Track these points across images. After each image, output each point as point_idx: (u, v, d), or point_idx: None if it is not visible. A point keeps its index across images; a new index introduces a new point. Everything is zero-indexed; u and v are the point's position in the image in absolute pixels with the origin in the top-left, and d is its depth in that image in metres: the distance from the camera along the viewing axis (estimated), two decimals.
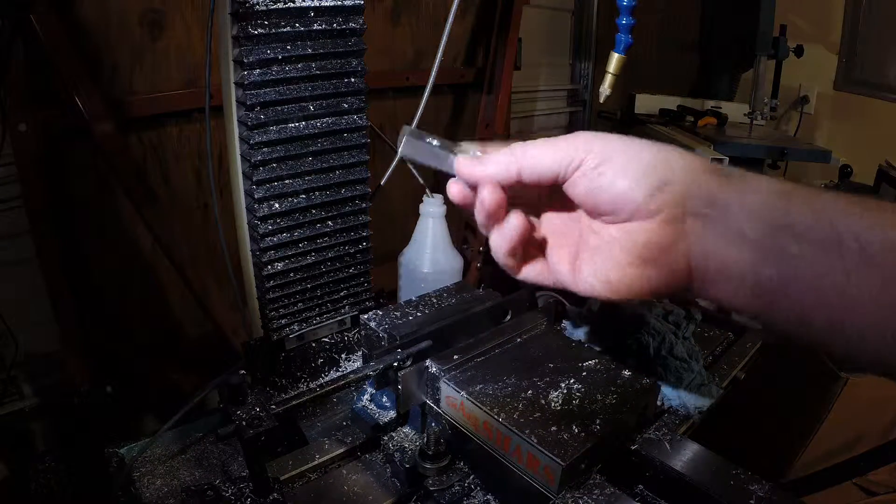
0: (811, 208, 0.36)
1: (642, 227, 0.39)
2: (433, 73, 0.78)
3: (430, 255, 1.03)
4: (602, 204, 0.40)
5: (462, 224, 1.56)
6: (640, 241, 0.39)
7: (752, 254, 0.37)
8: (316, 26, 0.61)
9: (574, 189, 0.41)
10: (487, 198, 0.41)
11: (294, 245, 0.67)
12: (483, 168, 0.42)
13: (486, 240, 0.45)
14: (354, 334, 0.76)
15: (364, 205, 0.71)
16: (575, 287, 0.44)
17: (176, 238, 1.13)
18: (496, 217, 0.43)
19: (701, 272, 0.39)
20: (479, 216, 0.43)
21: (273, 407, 0.67)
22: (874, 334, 0.34)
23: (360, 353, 0.76)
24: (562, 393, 0.56)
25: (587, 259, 0.43)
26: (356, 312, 0.75)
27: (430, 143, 0.44)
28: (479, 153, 0.43)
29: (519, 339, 0.66)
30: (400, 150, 0.45)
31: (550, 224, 0.47)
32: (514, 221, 0.42)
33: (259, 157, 0.62)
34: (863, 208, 0.35)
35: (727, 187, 0.38)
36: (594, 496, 0.50)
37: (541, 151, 0.41)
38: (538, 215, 0.47)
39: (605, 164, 0.39)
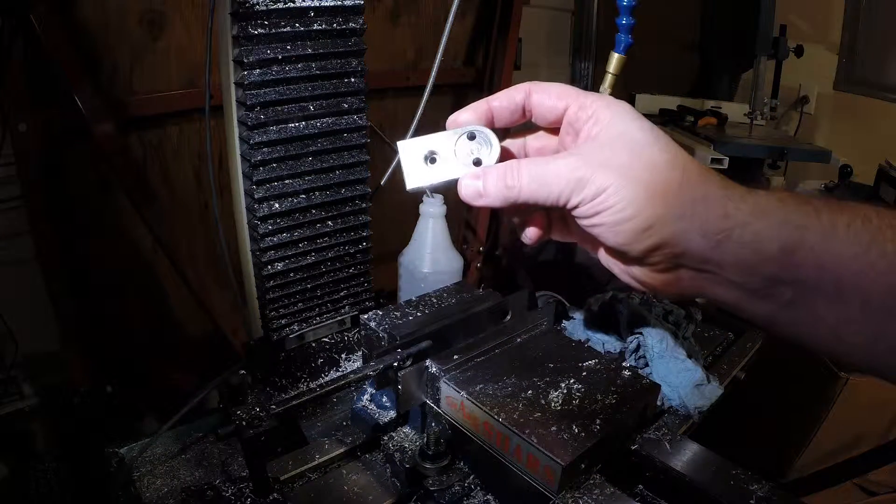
0: (816, 263, 0.36)
1: (640, 270, 0.43)
2: (433, 73, 0.78)
3: (430, 255, 1.03)
4: (601, 244, 0.44)
5: (462, 224, 1.56)
6: (637, 274, 0.44)
7: (748, 295, 0.39)
8: (316, 26, 0.61)
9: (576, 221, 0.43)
10: (508, 219, 0.48)
11: (294, 245, 0.67)
12: (486, 200, 0.44)
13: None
14: (354, 334, 0.76)
15: (364, 205, 0.71)
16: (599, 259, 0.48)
17: (176, 238, 1.13)
18: (517, 226, 0.50)
19: (698, 295, 0.43)
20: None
21: (273, 407, 0.67)
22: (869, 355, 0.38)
23: (360, 353, 0.76)
24: (562, 393, 0.56)
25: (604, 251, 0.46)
26: (356, 312, 0.75)
27: (430, 168, 0.46)
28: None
29: (519, 339, 0.65)
30: (407, 186, 0.46)
31: None
32: (529, 233, 0.49)
33: (259, 157, 0.61)
34: (879, 255, 0.35)
35: (725, 244, 0.38)
36: (594, 496, 0.50)
37: (538, 183, 0.41)
38: None
39: (598, 215, 0.40)
